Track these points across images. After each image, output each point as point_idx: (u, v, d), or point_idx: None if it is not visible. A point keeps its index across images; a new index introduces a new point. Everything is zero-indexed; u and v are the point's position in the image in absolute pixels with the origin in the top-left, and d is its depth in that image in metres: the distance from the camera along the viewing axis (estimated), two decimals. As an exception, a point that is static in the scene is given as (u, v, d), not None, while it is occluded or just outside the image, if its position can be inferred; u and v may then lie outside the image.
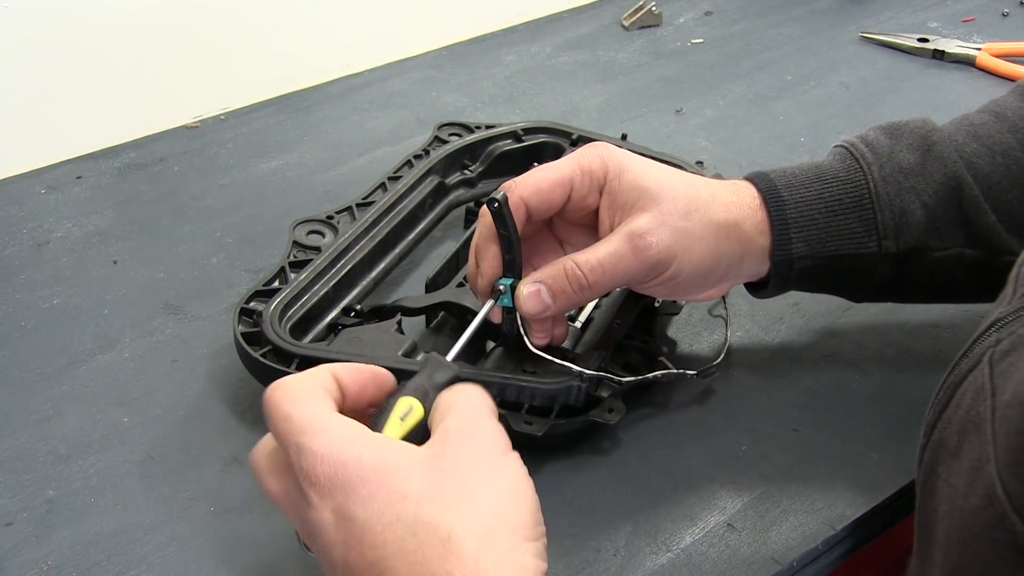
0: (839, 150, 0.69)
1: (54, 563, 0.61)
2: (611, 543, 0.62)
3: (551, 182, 0.61)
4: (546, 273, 0.60)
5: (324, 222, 0.78)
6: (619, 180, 0.61)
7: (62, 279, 0.82)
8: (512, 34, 1.21)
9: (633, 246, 0.59)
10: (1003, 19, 1.25)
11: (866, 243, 0.66)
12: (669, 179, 0.62)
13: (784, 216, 0.65)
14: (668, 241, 0.60)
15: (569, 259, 0.60)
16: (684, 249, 0.61)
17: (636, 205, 0.60)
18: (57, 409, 0.71)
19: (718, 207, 0.63)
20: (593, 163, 0.61)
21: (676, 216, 0.61)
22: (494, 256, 0.62)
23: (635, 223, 0.60)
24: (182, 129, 1.02)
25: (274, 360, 0.66)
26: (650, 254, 0.60)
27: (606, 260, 0.60)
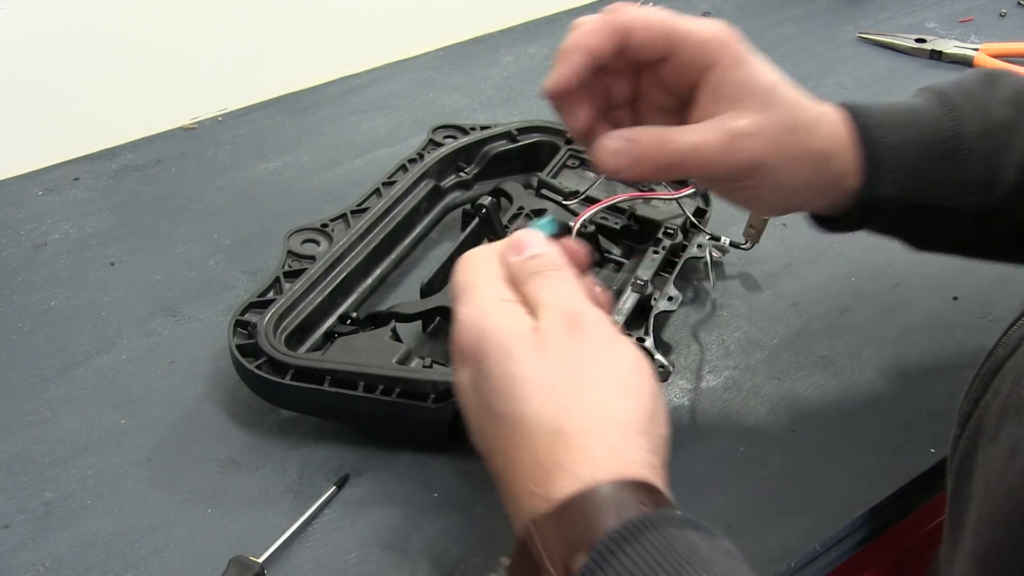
0: (935, 94, 0.65)
1: (51, 565, 0.61)
2: (608, 544, 0.62)
3: (665, 23, 0.56)
4: (637, 135, 0.56)
5: (318, 230, 0.78)
6: (733, 71, 0.56)
7: (59, 281, 0.82)
8: (510, 35, 1.21)
9: (730, 146, 0.56)
10: (1000, 19, 1.25)
11: (953, 196, 0.62)
12: (782, 89, 0.58)
13: (878, 157, 0.60)
14: (763, 149, 0.56)
15: (662, 130, 0.56)
16: (777, 165, 0.57)
17: (742, 103, 0.56)
18: (54, 411, 0.71)
19: (820, 133, 0.59)
20: (711, 40, 0.57)
21: (780, 129, 0.57)
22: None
23: (738, 122, 0.56)
24: (180, 130, 1.02)
25: (269, 371, 0.66)
26: (742, 158, 0.56)
27: (695, 147, 0.55)
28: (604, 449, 0.44)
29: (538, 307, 0.49)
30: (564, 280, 0.51)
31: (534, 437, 0.45)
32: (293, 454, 0.68)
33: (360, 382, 0.65)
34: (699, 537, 0.42)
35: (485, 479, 0.66)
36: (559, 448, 0.44)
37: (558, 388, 0.46)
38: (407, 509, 0.64)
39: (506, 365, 0.47)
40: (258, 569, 0.59)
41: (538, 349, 0.47)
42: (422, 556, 0.62)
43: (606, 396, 0.46)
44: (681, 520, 0.43)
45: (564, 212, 0.80)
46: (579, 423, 0.44)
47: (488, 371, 0.47)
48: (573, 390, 0.45)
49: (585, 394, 0.45)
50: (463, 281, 0.52)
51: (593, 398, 0.46)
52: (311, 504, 0.64)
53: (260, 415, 0.70)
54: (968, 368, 0.74)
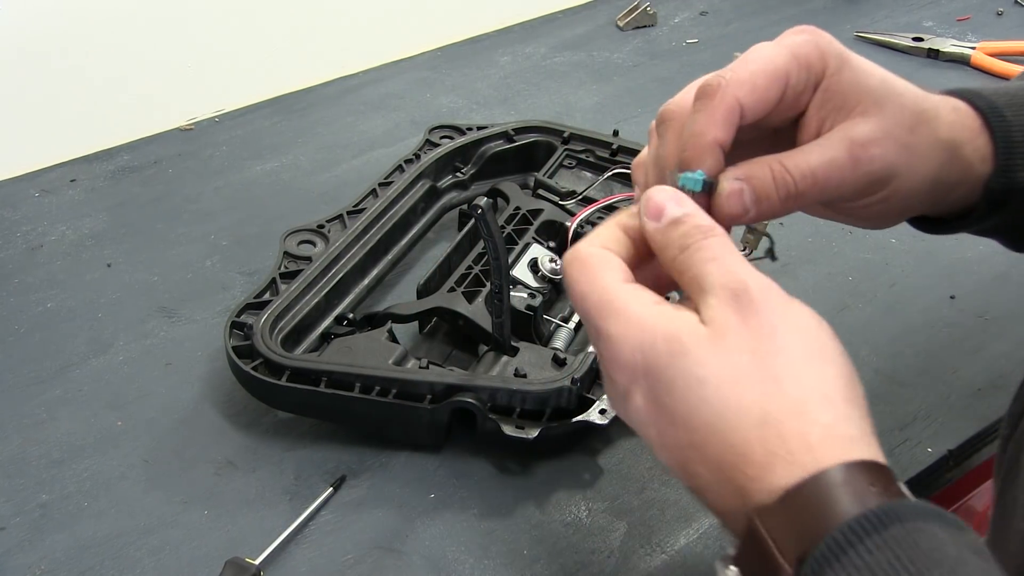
0: None
1: (47, 568, 0.61)
2: (605, 545, 0.62)
3: (768, 77, 0.49)
4: (750, 171, 0.50)
5: (315, 231, 0.78)
6: (839, 76, 0.51)
7: (56, 282, 0.82)
8: (507, 35, 1.21)
9: (854, 156, 0.50)
10: (997, 18, 1.25)
11: None
12: (894, 80, 0.53)
13: (1010, 139, 0.55)
14: (892, 155, 0.51)
15: (776, 160, 0.50)
16: (906, 167, 0.52)
17: (856, 108, 0.51)
18: (51, 413, 0.71)
19: (943, 123, 0.54)
20: (810, 53, 0.51)
21: (902, 127, 0.51)
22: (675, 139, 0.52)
23: (857, 129, 0.50)
24: (176, 131, 1.02)
25: (265, 373, 0.66)
26: (872, 168, 0.51)
27: (820, 168, 0.50)
28: (818, 429, 0.41)
29: (699, 290, 0.45)
30: (718, 247, 0.45)
31: (739, 432, 0.41)
32: (290, 455, 0.68)
33: (356, 383, 0.65)
34: (945, 532, 0.39)
35: (481, 480, 0.66)
36: (770, 437, 0.41)
37: (750, 375, 0.42)
38: (403, 510, 0.64)
39: (687, 369, 0.43)
40: (254, 571, 0.59)
41: (715, 342, 0.43)
42: (419, 557, 0.62)
43: (802, 370, 0.42)
44: (925, 510, 0.39)
45: (561, 212, 0.80)
46: (783, 405, 0.41)
47: (668, 381, 0.43)
48: (766, 373, 0.42)
49: (780, 373, 0.42)
50: (592, 293, 0.46)
51: (790, 375, 0.42)
52: (308, 505, 0.64)
53: (257, 416, 0.70)
54: (967, 368, 0.75)
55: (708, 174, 0.48)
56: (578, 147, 0.87)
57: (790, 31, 0.52)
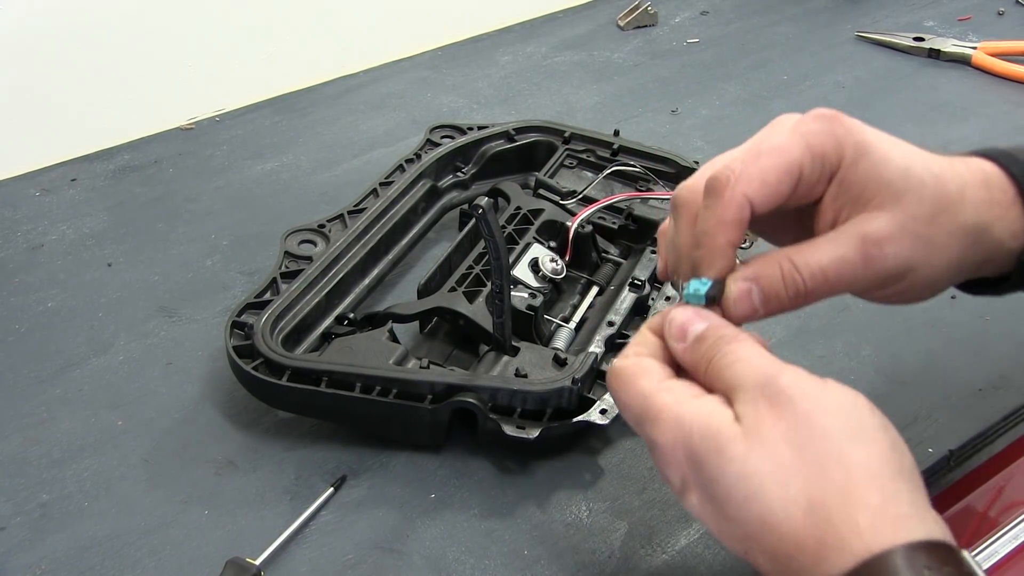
0: None
1: (48, 568, 0.61)
2: (606, 545, 0.62)
3: (779, 172, 0.48)
4: (758, 270, 0.49)
5: (315, 231, 0.77)
6: (855, 168, 0.49)
7: (56, 282, 0.82)
8: (507, 34, 1.21)
9: (866, 255, 0.49)
10: (999, 18, 1.25)
11: None
12: (915, 169, 0.50)
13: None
14: (907, 251, 0.49)
15: (785, 257, 0.49)
16: (924, 260, 0.50)
17: (873, 201, 0.49)
18: (51, 412, 0.71)
19: (967, 207, 0.51)
20: (826, 144, 0.49)
21: (920, 220, 0.49)
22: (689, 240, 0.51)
23: (871, 225, 0.49)
24: (177, 131, 1.02)
25: (266, 372, 0.66)
26: (885, 266, 0.49)
27: (830, 267, 0.49)
28: (867, 512, 0.41)
29: (730, 392, 0.45)
30: (742, 350, 0.46)
31: (788, 523, 0.42)
32: (290, 455, 0.68)
33: (357, 383, 0.65)
34: None
35: (482, 480, 0.66)
36: (819, 524, 0.41)
37: (791, 465, 0.42)
38: (404, 510, 0.64)
39: (728, 469, 0.43)
40: (255, 571, 0.59)
41: (751, 439, 0.43)
42: (419, 557, 0.62)
43: (844, 451, 0.42)
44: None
45: (561, 212, 0.80)
46: (829, 490, 0.41)
47: (713, 480, 0.44)
48: (808, 459, 0.42)
49: (823, 459, 0.42)
50: (633, 403, 0.47)
51: (832, 459, 0.42)
52: (308, 505, 0.64)
53: (257, 416, 0.70)
54: (968, 368, 0.75)
55: (719, 275, 0.49)
56: (579, 147, 0.87)
57: (810, 115, 0.50)
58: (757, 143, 0.50)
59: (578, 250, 0.78)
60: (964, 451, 0.69)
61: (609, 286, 0.77)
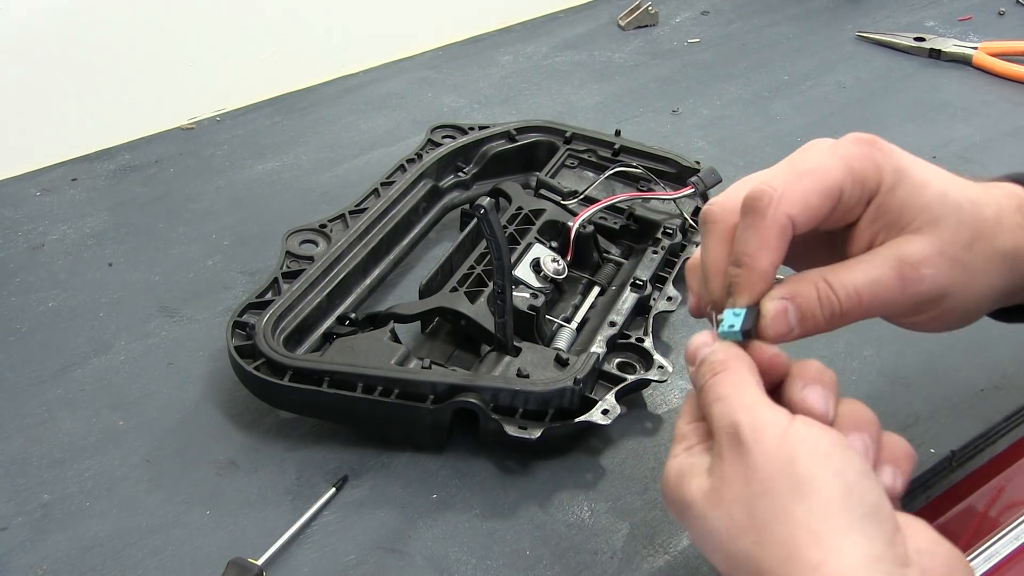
0: None
1: (49, 568, 0.61)
2: (608, 546, 0.62)
3: (820, 194, 0.48)
4: (795, 289, 0.49)
5: (317, 231, 0.77)
6: (893, 193, 0.49)
7: (57, 282, 0.82)
8: (508, 34, 1.21)
9: (902, 277, 0.48)
10: (999, 18, 1.25)
11: None
12: (952, 195, 0.50)
13: None
14: (944, 276, 0.49)
15: (821, 278, 0.49)
16: (961, 286, 0.50)
17: (911, 225, 0.49)
18: (52, 413, 0.71)
19: (1004, 232, 0.51)
20: (866, 168, 0.49)
21: (958, 245, 0.49)
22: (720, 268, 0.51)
23: (908, 249, 0.49)
24: (177, 131, 1.02)
25: (267, 373, 0.66)
26: (921, 289, 0.49)
27: (865, 289, 0.48)
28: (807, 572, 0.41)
29: (712, 433, 0.47)
30: (721, 386, 0.46)
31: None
32: (292, 455, 0.68)
33: (359, 383, 0.65)
34: None
35: (483, 480, 0.66)
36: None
37: (741, 525, 0.43)
38: (406, 510, 0.64)
39: (693, 522, 0.46)
40: (257, 571, 0.59)
41: (712, 495, 0.45)
42: (421, 557, 0.61)
43: (785, 508, 0.42)
44: None
45: (563, 212, 0.80)
46: (772, 553, 0.42)
47: (687, 526, 0.47)
48: (755, 520, 0.42)
49: (767, 517, 0.42)
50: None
51: (776, 517, 0.42)
52: (310, 506, 0.64)
53: (259, 416, 0.70)
54: (970, 369, 0.74)
55: (757, 299, 0.48)
56: (580, 147, 0.87)
57: (848, 139, 0.50)
58: (795, 163, 0.49)
59: (579, 250, 0.78)
60: (966, 451, 0.69)
61: (611, 286, 0.77)
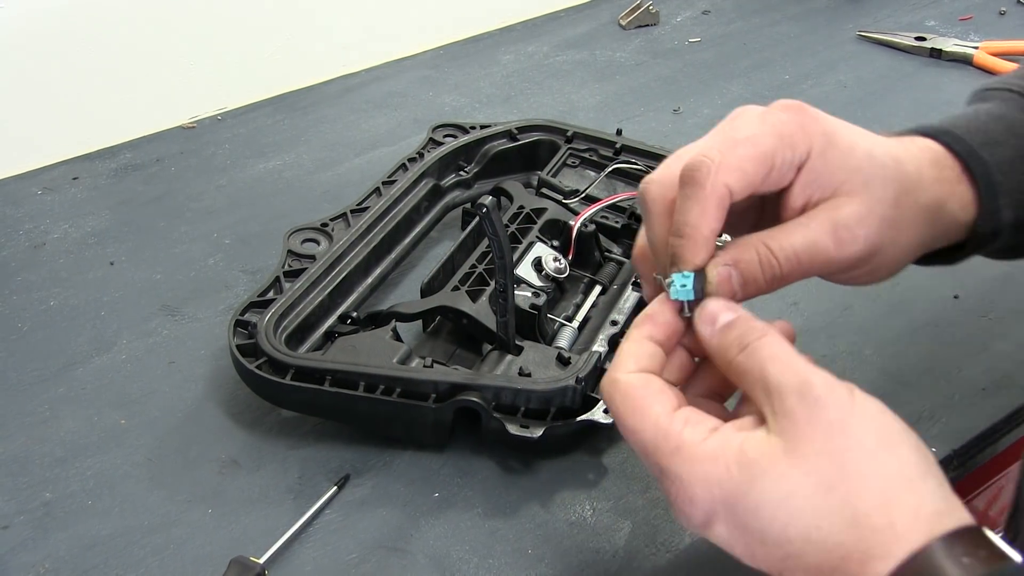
0: (1012, 97, 0.61)
1: (51, 566, 0.61)
2: (610, 544, 0.62)
3: (755, 161, 0.49)
4: (736, 255, 0.50)
5: (319, 230, 0.77)
6: (823, 157, 0.51)
7: (59, 280, 0.82)
8: (509, 34, 1.21)
9: (838, 239, 0.50)
10: (1000, 17, 1.25)
11: None
12: (878, 155, 0.53)
13: (991, 182, 0.56)
14: (876, 234, 0.51)
15: (761, 242, 0.50)
16: (890, 241, 0.52)
17: (841, 188, 0.51)
18: (54, 411, 0.71)
19: (925, 187, 0.54)
20: (796, 134, 0.50)
21: (886, 203, 0.51)
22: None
23: (842, 212, 0.50)
24: (179, 130, 1.02)
25: (270, 371, 0.66)
26: (856, 249, 0.51)
27: (804, 251, 0.50)
28: (905, 516, 0.42)
29: (762, 391, 0.45)
30: (775, 346, 0.46)
31: (832, 537, 0.42)
32: (294, 454, 0.68)
33: (360, 382, 0.65)
34: None
35: (485, 479, 0.66)
36: (863, 534, 0.42)
37: (833, 478, 0.43)
38: (408, 509, 0.64)
39: (770, 489, 0.43)
40: (259, 570, 0.59)
41: (791, 453, 0.43)
42: (423, 556, 0.62)
43: (879, 459, 0.43)
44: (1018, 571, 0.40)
45: (564, 211, 0.80)
46: (869, 499, 0.42)
47: (753, 506, 0.43)
48: (847, 471, 0.43)
49: (862, 468, 0.43)
50: (645, 431, 0.46)
51: (870, 468, 0.43)
52: (312, 504, 0.64)
53: (260, 415, 0.70)
54: (971, 368, 0.75)
55: (701, 265, 0.49)
56: (581, 146, 0.87)
57: (777, 106, 0.51)
58: (728, 133, 0.50)
59: (581, 249, 0.78)
60: (967, 451, 0.69)
61: (612, 285, 0.77)
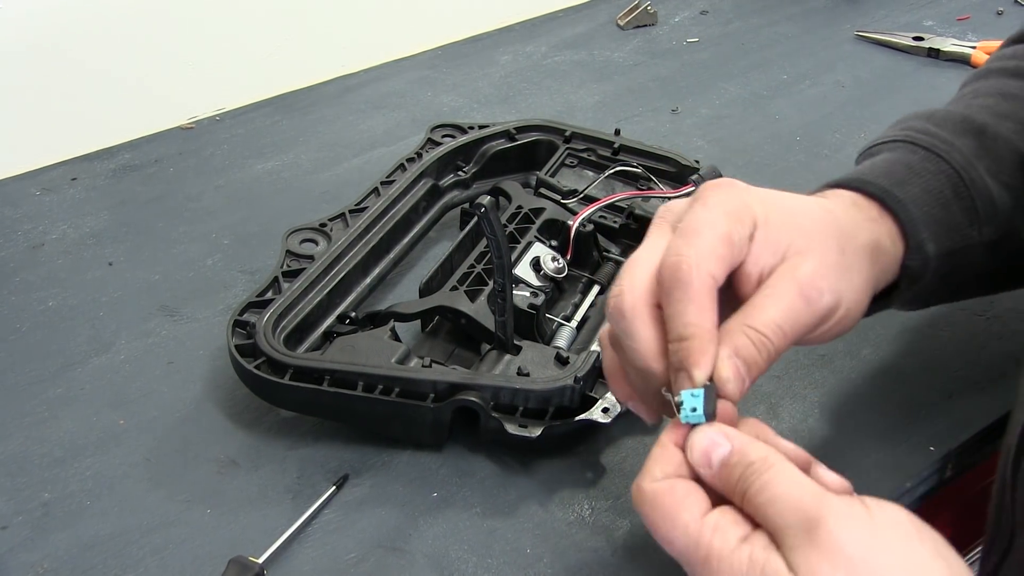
0: (900, 145, 0.64)
1: (50, 567, 0.61)
2: (608, 544, 0.62)
3: (724, 244, 0.50)
4: (733, 344, 0.49)
5: (317, 230, 0.77)
6: (768, 225, 0.52)
7: (57, 281, 0.82)
8: (507, 34, 1.21)
9: (806, 298, 0.51)
10: (997, 17, 1.25)
11: (970, 233, 0.61)
12: (813, 211, 0.55)
13: (911, 216, 0.59)
14: (835, 282, 0.52)
15: (743, 325, 0.50)
16: (848, 287, 0.53)
17: (790, 249, 0.52)
18: (52, 412, 0.71)
19: (859, 230, 0.57)
20: (740, 210, 0.51)
21: (833, 252, 0.53)
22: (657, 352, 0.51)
23: (800, 271, 0.51)
24: (177, 130, 1.02)
25: (268, 372, 0.66)
26: (823, 303, 0.51)
27: (784, 320, 0.50)
28: None
29: (776, 534, 0.44)
30: (776, 484, 0.44)
31: None
32: (292, 454, 0.68)
33: (359, 382, 0.65)
34: None
35: (484, 479, 0.66)
36: None
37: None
38: (406, 509, 0.64)
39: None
40: (258, 570, 0.59)
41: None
42: (421, 556, 0.62)
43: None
44: None
45: (563, 211, 0.80)
46: None
47: None
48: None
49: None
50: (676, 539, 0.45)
51: None
52: (310, 504, 0.64)
53: (259, 415, 0.70)
54: (969, 367, 0.75)
55: (710, 368, 0.48)
56: (580, 146, 0.87)
57: (707, 188, 0.52)
58: (691, 228, 0.50)
59: (579, 249, 0.78)
60: (964, 450, 0.69)
61: (610, 285, 0.77)
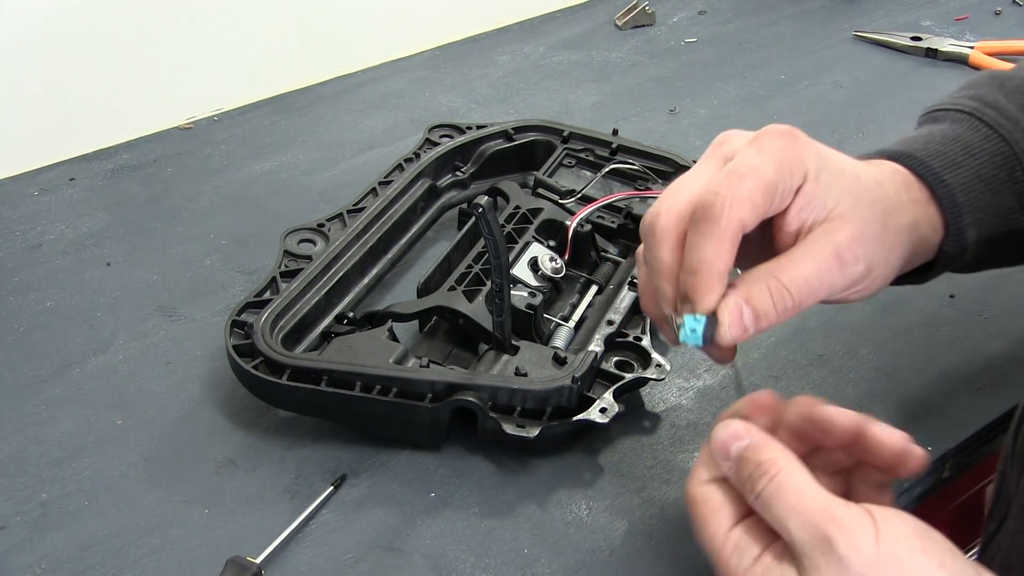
0: (964, 117, 0.63)
1: (48, 567, 0.61)
2: (606, 544, 0.62)
3: (762, 192, 0.50)
4: (749, 292, 0.50)
5: (315, 230, 0.77)
6: (817, 181, 0.52)
7: (55, 281, 0.82)
8: (505, 34, 1.21)
9: (841, 261, 0.52)
10: (996, 17, 1.25)
11: (1017, 218, 0.61)
12: (863, 178, 0.55)
13: (956, 204, 0.58)
14: (870, 253, 0.53)
15: (771, 276, 0.51)
16: (882, 260, 0.54)
17: (835, 210, 0.52)
18: (50, 412, 0.71)
19: (904, 208, 0.56)
20: (792, 160, 0.51)
21: (876, 223, 0.53)
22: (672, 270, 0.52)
23: (840, 235, 0.52)
24: (175, 130, 1.02)
25: (266, 372, 0.66)
26: (856, 269, 0.52)
27: (813, 278, 0.51)
28: None
29: (790, 545, 0.45)
30: (787, 493, 0.46)
31: None
32: (290, 454, 0.68)
33: (357, 382, 0.65)
34: None
35: (482, 479, 0.66)
36: None
37: None
38: (404, 509, 0.64)
39: None
40: (255, 570, 0.59)
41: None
42: (419, 556, 0.62)
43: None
44: None
45: (561, 211, 0.80)
46: None
47: None
48: None
49: None
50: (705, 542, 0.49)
51: None
52: (308, 504, 0.64)
53: (257, 415, 0.70)
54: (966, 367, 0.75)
55: (714, 304, 0.49)
56: (578, 146, 0.87)
57: (768, 132, 0.52)
58: (735, 169, 0.51)
59: (577, 249, 0.78)
60: (963, 450, 0.70)
61: (608, 285, 0.77)
